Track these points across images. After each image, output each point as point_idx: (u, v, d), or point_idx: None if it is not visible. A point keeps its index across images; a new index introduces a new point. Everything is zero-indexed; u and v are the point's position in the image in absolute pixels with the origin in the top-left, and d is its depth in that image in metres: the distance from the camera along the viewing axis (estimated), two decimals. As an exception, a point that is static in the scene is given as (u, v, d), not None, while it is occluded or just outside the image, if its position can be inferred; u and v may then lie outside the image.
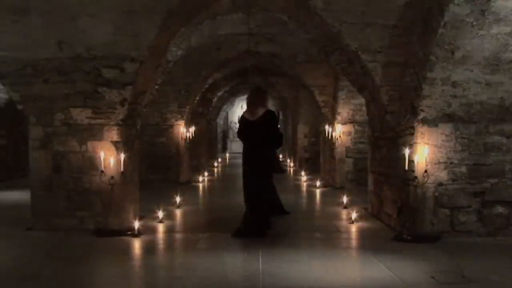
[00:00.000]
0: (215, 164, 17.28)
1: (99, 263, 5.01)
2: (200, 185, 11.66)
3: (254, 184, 6.12)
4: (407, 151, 5.81)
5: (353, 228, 6.57)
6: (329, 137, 11.11)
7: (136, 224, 6.13)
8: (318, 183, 10.89)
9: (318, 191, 10.40)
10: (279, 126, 6.23)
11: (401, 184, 6.14)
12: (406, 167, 5.81)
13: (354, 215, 6.84)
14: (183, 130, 11.83)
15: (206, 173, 13.07)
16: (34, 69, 6.01)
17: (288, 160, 18.13)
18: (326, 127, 11.21)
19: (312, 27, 6.78)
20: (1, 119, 12.30)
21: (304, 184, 11.74)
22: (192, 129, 12.63)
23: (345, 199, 8.10)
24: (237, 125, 6.77)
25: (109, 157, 6.18)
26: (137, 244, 5.75)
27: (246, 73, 14.01)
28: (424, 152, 5.72)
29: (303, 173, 12.92)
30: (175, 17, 6.03)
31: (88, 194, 6.26)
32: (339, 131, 10.64)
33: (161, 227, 6.60)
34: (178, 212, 7.79)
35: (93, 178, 6.24)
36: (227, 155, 23.00)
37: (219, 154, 22.63)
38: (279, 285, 4.21)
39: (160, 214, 6.87)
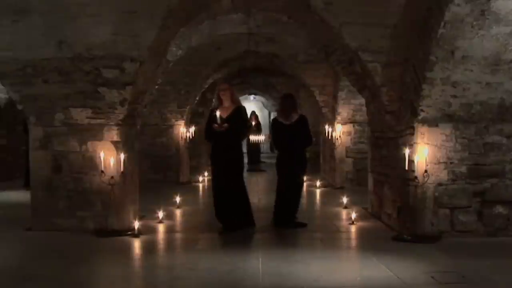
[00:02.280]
0: (215, 164, 17.24)
1: (99, 263, 5.01)
2: (200, 185, 11.64)
3: (293, 181, 6.75)
4: (407, 151, 5.80)
5: (353, 228, 6.57)
6: (329, 137, 11.09)
7: (136, 224, 6.13)
8: (318, 183, 10.88)
9: (318, 191, 10.39)
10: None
11: (401, 184, 6.14)
12: (406, 167, 5.81)
13: (354, 215, 6.84)
14: (183, 130, 11.82)
15: (206, 173, 13.05)
16: (34, 69, 6.00)
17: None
18: (326, 127, 11.20)
19: (312, 27, 6.78)
20: (1, 119, 12.29)
21: (304, 184, 11.70)
22: (192, 129, 12.61)
23: (345, 199, 8.09)
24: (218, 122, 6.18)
25: (109, 157, 6.18)
26: (137, 244, 5.75)
27: (246, 73, 14.01)
28: (424, 152, 5.72)
29: (303, 173, 12.87)
30: (175, 17, 6.03)
31: (88, 194, 6.25)
32: (339, 131, 10.63)
33: (161, 227, 6.60)
34: (178, 212, 7.79)
35: (93, 178, 6.23)
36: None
37: (219, 154, 22.56)
38: (279, 285, 4.21)
39: (160, 214, 6.87)
